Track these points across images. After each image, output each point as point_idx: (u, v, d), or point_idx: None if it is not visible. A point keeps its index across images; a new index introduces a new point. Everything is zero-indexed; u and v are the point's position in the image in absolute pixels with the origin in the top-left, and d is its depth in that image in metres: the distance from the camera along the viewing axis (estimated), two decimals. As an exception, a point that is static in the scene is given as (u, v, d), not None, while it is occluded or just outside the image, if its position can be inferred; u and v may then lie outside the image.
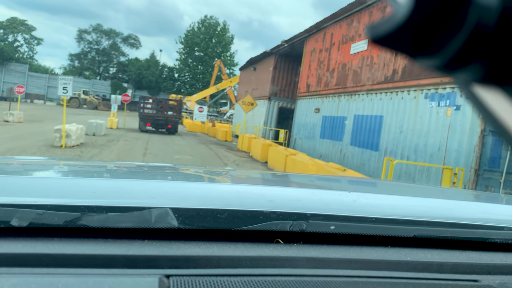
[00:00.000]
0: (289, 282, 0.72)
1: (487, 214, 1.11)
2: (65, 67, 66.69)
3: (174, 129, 22.65)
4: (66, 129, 11.73)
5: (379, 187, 1.82)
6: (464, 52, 0.23)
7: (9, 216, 0.73)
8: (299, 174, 3.43)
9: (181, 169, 1.71)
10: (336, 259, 0.81)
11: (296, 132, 17.22)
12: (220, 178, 1.55)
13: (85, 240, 0.75)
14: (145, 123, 21.85)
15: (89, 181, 0.99)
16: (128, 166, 1.72)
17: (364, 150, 11.37)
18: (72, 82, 11.46)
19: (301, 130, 16.68)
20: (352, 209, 0.94)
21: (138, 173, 1.44)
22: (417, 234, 0.93)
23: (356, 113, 12.18)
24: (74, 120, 24.15)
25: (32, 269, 0.67)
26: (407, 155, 9.40)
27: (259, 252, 0.79)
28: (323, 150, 14.21)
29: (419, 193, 1.56)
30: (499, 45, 0.23)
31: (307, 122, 16.19)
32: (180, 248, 0.76)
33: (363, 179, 3.09)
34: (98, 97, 50.84)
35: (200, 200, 0.89)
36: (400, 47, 0.25)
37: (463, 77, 0.25)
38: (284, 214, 0.86)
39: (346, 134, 12.60)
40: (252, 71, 26.81)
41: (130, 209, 0.79)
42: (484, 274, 0.87)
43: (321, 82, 15.32)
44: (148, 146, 14.64)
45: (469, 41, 0.23)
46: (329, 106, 14.30)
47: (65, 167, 1.53)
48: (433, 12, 0.23)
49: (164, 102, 23.05)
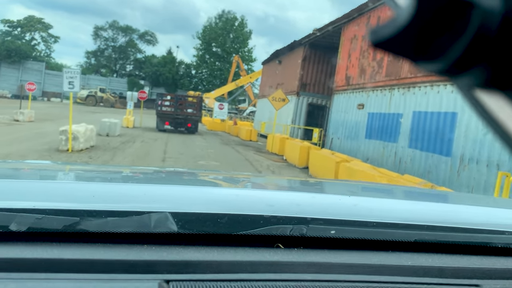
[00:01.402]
0: (289, 287, 0.72)
1: (488, 218, 1.10)
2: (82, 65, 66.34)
3: (194, 128, 21.04)
4: (73, 130, 10.01)
5: (380, 191, 1.76)
6: (466, 56, 0.23)
7: (7, 220, 0.72)
8: (300, 179, 3.18)
9: (180, 173, 1.74)
10: (337, 264, 0.81)
11: (333, 131, 15.13)
12: (220, 182, 1.56)
13: (84, 245, 0.75)
14: (163, 122, 20.26)
15: (88, 185, 1.03)
16: (127, 170, 1.74)
17: (430, 154, 9.27)
18: (79, 75, 9.67)
19: (340, 129, 14.59)
20: (353, 213, 0.94)
21: (138, 177, 1.48)
22: (418, 238, 0.92)
23: (416, 109, 10.07)
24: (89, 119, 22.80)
25: (30, 274, 0.66)
26: (497, 163, 7.29)
27: (259, 257, 0.78)
28: (370, 153, 12.14)
29: (420, 197, 1.59)
30: (502, 50, 0.23)
31: (347, 120, 14.11)
32: (179, 253, 0.76)
33: (363, 183, 3.05)
34: (115, 94, 50.29)
35: (200, 204, 0.89)
36: (402, 51, 0.25)
37: (465, 81, 0.25)
38: (285, 218, 0.85)
39: (403, 134, 10.51)
40: (276, 65, 24.81)
41: (130, 214, 0.78)
42: (485, 279, 0.86)
43: (365, 74, 13.22)
44: (167, 149, 12.89)
45: (471, 45, 0.23)
46: (377, 101, 12.21)
47: (65, 171, 1.53)
48: (435, 16, 0.23)
49: (183, 99, 21.37)
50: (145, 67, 59.44)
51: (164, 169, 1.86)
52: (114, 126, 15.04)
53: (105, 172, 1.51)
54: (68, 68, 10.01)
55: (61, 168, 1.66)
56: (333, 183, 2.16)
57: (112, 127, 14.94)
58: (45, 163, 1.88)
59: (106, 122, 14.90)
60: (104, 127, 14.82)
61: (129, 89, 49.86)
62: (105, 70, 64.59)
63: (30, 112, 20.18)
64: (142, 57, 63.28)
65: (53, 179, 1.25)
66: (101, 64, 65.02)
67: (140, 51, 64.83)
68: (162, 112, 20.14)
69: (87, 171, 1.51)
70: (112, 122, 14.97)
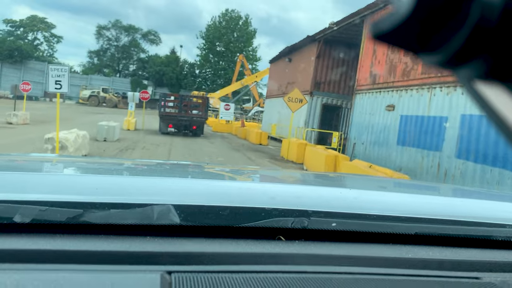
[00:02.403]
0: (290, 279, 0.73)
1: (489, 211, 1.10)
2: (84, 64, 65.23)
3: (200, 130, 19.57)
4: (61, 138, 8.54)
5: (381, 184, 1.75)
6: (467, 48, 0.23)
7: (11, 212, 0.73)
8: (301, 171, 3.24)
9: (183, 166, 1.74)
10: (338, 256, 0.82)
11: (356, 135, 13.55)
12: (222, 175, 1.57)
13: (87, 237, 0.75)
14: (167, 124, 18.77)
15: (91, 178, 1.05)
16: (130, 163, 1.75)
17: (488, 167, 7.69)
18: (68, 73, 8.16)
19: (364, 133, 13.02)
20: (354, 206, 0.95)
21: (140, 170, 1.50)
22: (418, 231, 0.92)
23: (465, 113, 8.50)
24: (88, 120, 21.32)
25: (34, 265, 0.67)
26: None
27: (261, 249, 0.79)
28: (403, 162, 10.58)
29: (420, 191, 1.60)
30: (502, 41, 0.23)
31: (373, 123, 12.53)
32: (182, 245, 0.77)
33: (363, 176, 2.94)
34: (118, 95, 49.08)
35: (202, 197, 0.90)
36: (402, 44, 0.25)
37: (465, 73, 0.25)
38: (286, 211, 0.86)
39: (448, 141, 8.94)
40: (286, 63, 23.25)
41: (133, 206, 0.79)
42: (485, 272, 0.86)
43: (395, 71, 11.65)
44: (172, 157, 11.40)
45: (471, 37, 0.23)
46: (411, 102, 10.64)
47: (68, 163, 1.54)
48: (435, 8, 0.23)
49: (188, 100, 19.90)
50: (148, 67, 58.19)
51: (167, 162, 1.93)
52: (113, 130, 13.57)
53: (108, 165, 1.58)
54: (55, 65, 8.43)
55: (65, 160, 1.68)
56: (334, 177, 2.19)
57: (111, 131, 13.47)
58: (49, 156, 1.72)
59: (103, 126, 13.43)
60: (102, 131, 13.35)
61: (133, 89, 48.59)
62: (108, 70, 63.50)
63: (25, 114, 18.76)
64: (146, 57, 62.15)
65: (57, 172, 1.28)
66: (104, 63, 63.93)
67: (143, 51, 63.87)
68: (166, 114, 18.67)
69: (91, 164, 1.54)
70: (111, 126, 13.49)
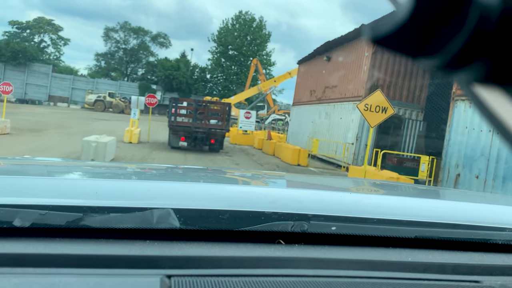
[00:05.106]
0: (290, 282, 0.73)
1: (488, 215, 1.11)
2: (91, 68, 62.10)
3: (219, 145, 15.64)
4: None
5: (381, 188, 1.77)
6: (465, 51, 0.23)
7: (11, 216, 0.73)
8: (300, 176, 3.36)
9: (183, 170, 1.75)
10: (338, 259, 0.82)
11: (460, 162, 9.30)
12: (222, 178, 1.58)
13: (87, 241, 0.75)
14: (178, 137, 14.88)
15: (91, 182, 1.05)
16: (130, 167, 1.76)
17: None
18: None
19: (478, 161, 8.77)
20: (354, 209, 0.95)
21: (140, 174, 1.50)
22: (419, 235, 0.92)
23: None
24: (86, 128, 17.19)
25: (34, 269, 0.67)
26: None
27: (261, 253, 0.79)
28: None
29: (420, 194, 1.59)
30: (500, 44, 0.23)
31: (496, 147, 8.33)
32: (181, 249, 0.77)
33: (363, 180, 3.05)
34: (125, 99, 45.93)
35: (202, 200, 0.90)
36: (401, 48, 0.25)
37: (464, 77, 0.25)
38: (286, 215, 0.86)
39: None
40: (323, 62, 19.20)
41: (132, 210, 0.79)
42: (485, 275, 0.86)
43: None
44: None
45: (470, 40, 0.23)
46: None
47: (68, 167, 1.54)
48: (434, 11, 0.23)
49: (204, 107, 15.91)
50: (157, 71, 54.79)
51: (167, 166, 1.92)
52: (103, 148, 9.60)
53: (108, 169, 1.58)
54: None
55: (64, 164, 1.69)
56: (334, 180, 2.24)
57: (100, 149, 9.51)
58: (49, 160, 1.82)
59: (90, 142, 9.48)
60: (88, 150, 9.41)
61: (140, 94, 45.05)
62: (115, 74, 60.35)
63: (4, 121, 15.03)
64: (155, 60, 58.93)
65: (57, 176, 1.28)
66: (111, 67, 60.86)
67: (153, 54, 60.80)
68: (177, 124, 14.76)
69: (90, 168, 1.55)
70: (100, 143, 9.54)
